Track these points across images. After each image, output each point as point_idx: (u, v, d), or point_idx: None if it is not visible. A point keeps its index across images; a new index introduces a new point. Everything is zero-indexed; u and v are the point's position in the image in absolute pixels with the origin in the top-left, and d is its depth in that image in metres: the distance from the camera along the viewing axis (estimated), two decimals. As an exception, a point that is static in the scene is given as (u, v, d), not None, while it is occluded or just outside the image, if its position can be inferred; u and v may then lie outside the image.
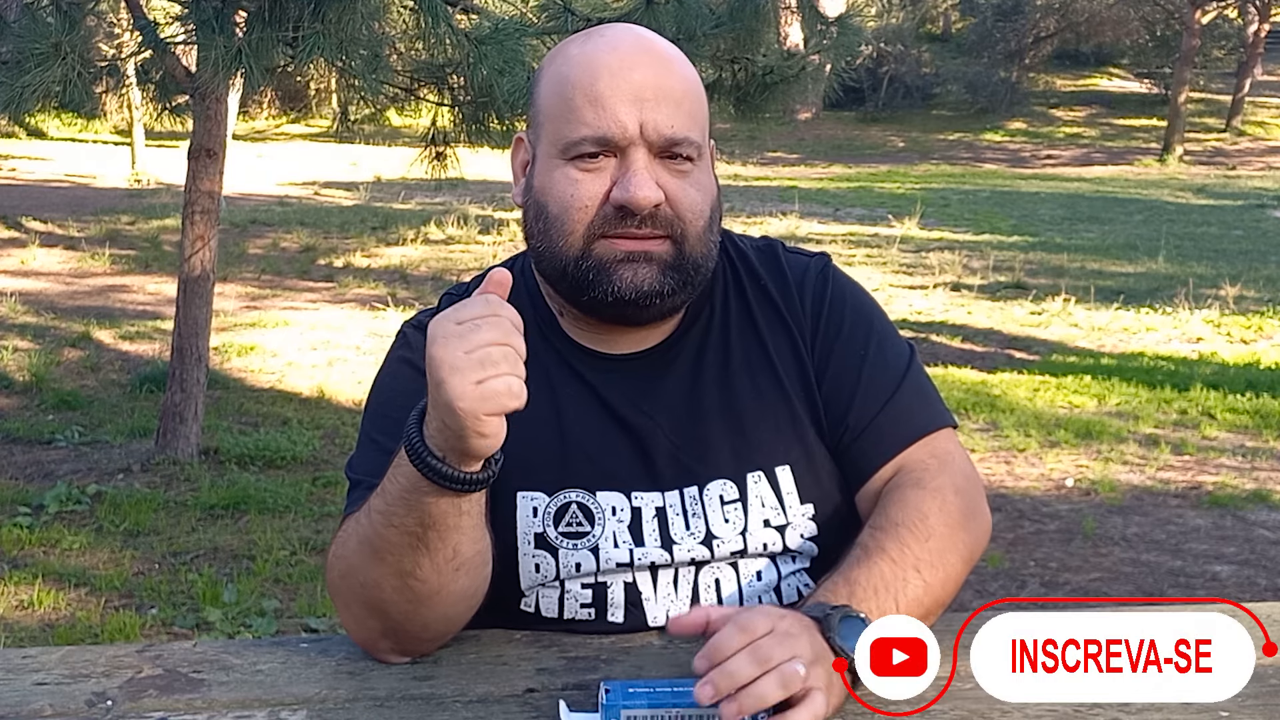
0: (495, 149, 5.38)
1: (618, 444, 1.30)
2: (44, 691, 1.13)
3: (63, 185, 16.15)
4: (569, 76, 1.26)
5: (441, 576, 1.15)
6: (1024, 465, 5.57)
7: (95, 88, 4.67)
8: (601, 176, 1.24)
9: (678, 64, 1.28)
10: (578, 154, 1.24)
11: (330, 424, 5.97)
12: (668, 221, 1.24)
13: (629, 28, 1.32)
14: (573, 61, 1.27)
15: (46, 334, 7.74)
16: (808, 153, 23.36)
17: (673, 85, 1.25)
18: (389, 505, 1.13)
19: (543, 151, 1.28)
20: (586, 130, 1.23)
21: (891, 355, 1.35)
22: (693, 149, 1.25)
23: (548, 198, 1.26)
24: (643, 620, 1.28)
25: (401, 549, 1.13)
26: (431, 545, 1.13)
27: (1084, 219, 14.96)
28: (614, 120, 1.22)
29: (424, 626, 1.20)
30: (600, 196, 1.23)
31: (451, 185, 11.81)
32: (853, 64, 8.11)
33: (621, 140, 1.22)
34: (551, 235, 1.26)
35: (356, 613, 1.20)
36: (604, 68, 1.24)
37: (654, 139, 1.23)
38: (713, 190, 1.30)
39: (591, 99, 1.23)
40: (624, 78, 1.23)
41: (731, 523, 1.29)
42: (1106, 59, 30.29)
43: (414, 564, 1.14)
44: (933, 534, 1.20)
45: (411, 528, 1.12)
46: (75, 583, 4.01)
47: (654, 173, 1.23)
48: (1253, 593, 4.10)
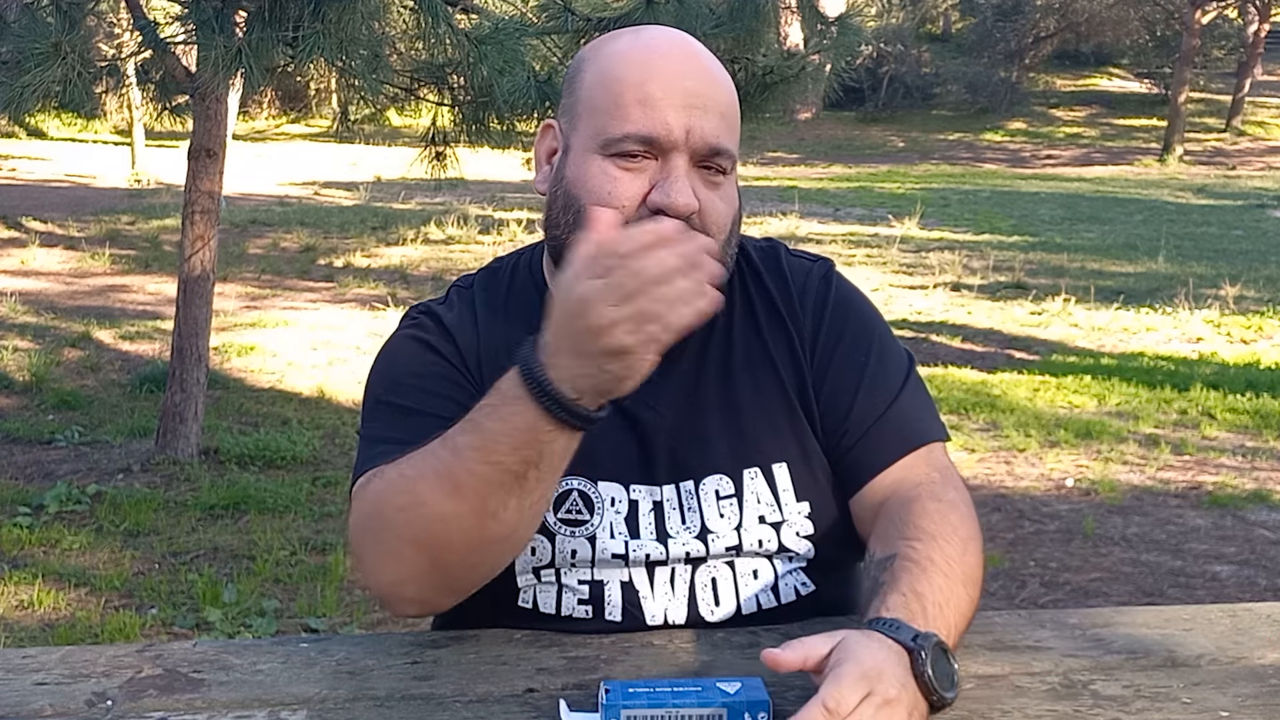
0: (495, 149, 5.39)
1: (619, 436, 1.30)
2: (44, 691, 1.13)
3: (63, 185, 16.15)
4: (618, 73, 1.25)
5: (522, 517, 1.14)
6: (1024, 465, 5.57)
7: (95, 88, 4.66)
8: (641, 177, 1.23)
9: (723, 76, 1.29)
10: (620, 151, 1.23)
11: (330, 424, 5.97)
12: (698, 230, 1.24)
13: (677, 33, 1.32)
14: (623, 58, 1.27)
15: (46, 334, 7.74)
16: (808, 153, 23.37)
17: (720, 96, 1.26)
18: (488, 441, 1.10)
19: (578, 143, 1.27)
20: (633, 128, 1.22)
21: (892, 363, 1.36)
22: (729, 161, 1.26)
23: (581, 190, 1.25)
24: (640, 620, 1.28)
25: (492, 486, 1.11)
26: (529, 485, 1.11)
27: (1084, 219, 14.97)
28: (663, 122, 1.22)
29: (472, 569, 1.19)
30: (638, 196, 1.23)
31: (451, 185, 11.80)
32: (853, 64, 8.09)
33: (667, 143, 1.22)
34: (578, 227, 1.24)
35: (400, 550, 1.17)
36: (657, 70, 1.24)
37: (698, 146, 1.23)
38: (737, 204, 1.30)
39: (642, 98, 1.23)
40: (677, 82, 1.23)
41: (727, 518, 1.29)
42: (1106, 59, 30.30)
43: (500, 503, 1.12)
44: (967, 548, 1.20)
45: (513, 465, 1.10)
46: (75, 583, 4.00)
47: (691, 181, 1.23)
48: (1253, 593, 4.10)
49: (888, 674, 1.00)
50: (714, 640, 1.25)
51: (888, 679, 1.00)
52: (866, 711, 0.97)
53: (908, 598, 1.11)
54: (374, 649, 1.23)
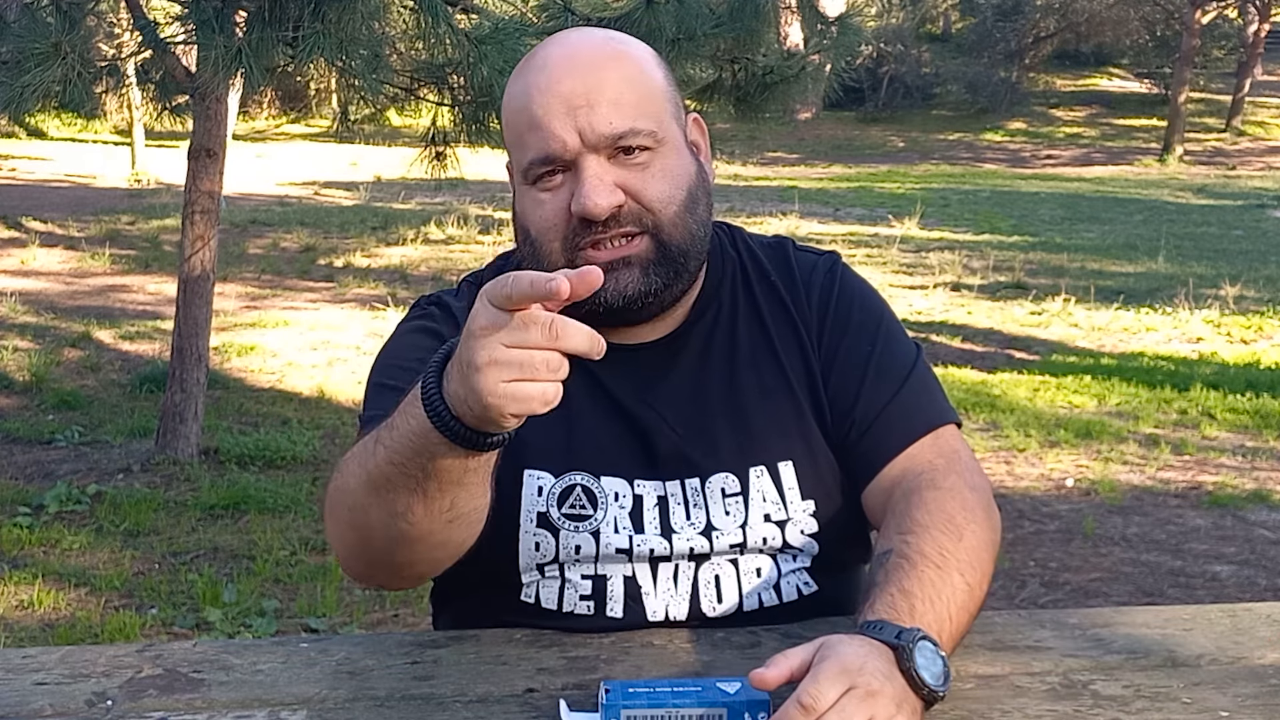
0: (495, 149, 5.37)
1: (622, 433, 1.30)
2: (44, 691, 1.13)
3: (63, 185, 16.15)
4: (512, 105, 1.29)
5: (433, 523, 1.12)
6: (1024, 465, 5.57)
7: (95, 88, 4.66)
8: (561, 193, 1.25)
9: (613, 61, 1.27)
10: (536, 176, 1.26)
11: (330, 424, 5.97)
12: (635, 216, 1.25)
13: (564, 36, 1.34)
14: (512, 91, 1.30)
15: (46, 334, 7.74)
16: (808, 153, 23.36)
17: (605, 84, 1.25)
18: (395, 442, 1.09)
19: (515, 178, 1.31)
20: (532, 153, 1.25)
21: (898, 351, 1.36)
22: (645, 138, 1.25)
23: (525, 221, 1.29)
24: (642, 615, 1.29)
25: (398, 489, 1.10)
26: (430, 494, 1.10)
27: (1084, 219, 14.96)
28: (552, 137, 1.23)
29: (404, 564, 1.20)
30: (564, 212, 1.24)
31: (451, 185, 11.82)
32: (853, 64, 8.11)
33: (565, 154, 1.24)
34: (536, 256, 1.27)
35: (340, 529, 1.20)
36: (534, 88, 1.26)
37: (597, 142, 1.23)
38: (686, 172, 1.28)
39: (530, 122, 1.25)
40: (552, 92, 1.24)
41: (732, 515, 1.29)
42: (1106, 59, 30.29)
43: (407, 506, 1.11)
44: (964, 533, 1.19)
45: (413, 472, 1.08)
46: (75, 583, 4.00)
47: (609, 175, 1.23)
48: (1253, 593, 4.10)
49: (870, 668, 0.99)
50: (714, 640, 1.25)
51: (870, 672, 0.99)
52: (849, 704, 0.96)
53: (895, 597, 1.11)
54: (374, 649, 1.23)
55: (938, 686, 1.03)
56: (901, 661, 1.02)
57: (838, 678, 0.98)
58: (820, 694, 0.96)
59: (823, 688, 0.97)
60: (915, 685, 1.02)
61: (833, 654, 1.00)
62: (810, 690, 0.97)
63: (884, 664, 1.01)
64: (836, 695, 0.97)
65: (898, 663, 1.02)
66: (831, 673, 0.98)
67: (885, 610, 1.09)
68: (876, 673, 0.99)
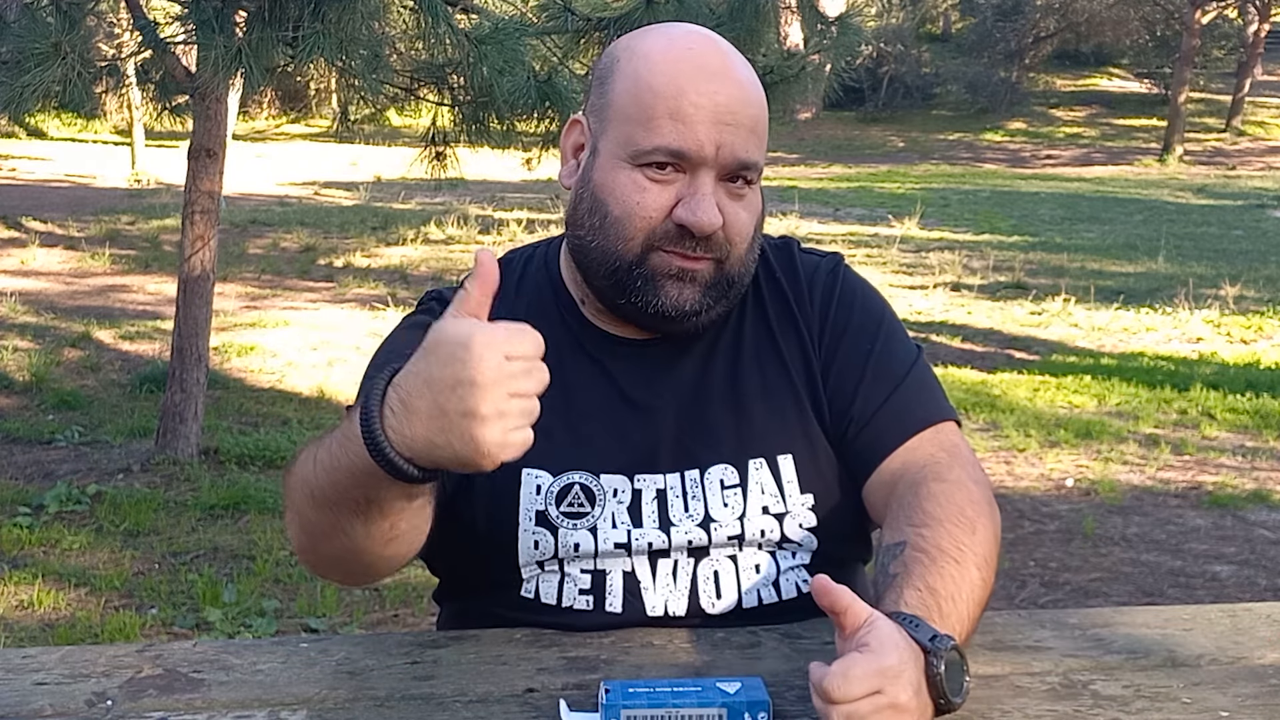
0: (495, 149, 5.38)
1: (625, 426, 1.31)
2: (44, 691, 1.13)
3: (63, 185, 16.15)
4: (650, 81, 1.25)
5: (371, 542, 1.13)
6: (1024, 465, 5.57)
7: (95, 88, 4.66)
8: (668, 190, 1.24)
9: (755, 87, 1.29)
10: (649, 162, 1.24)
11: (330, 424, 5.93)
12: (719, 245, 1.26)
13: (711, 39, 1.30)
14: (656, 66, 1.26)
15: (46, 334, 7.74)
16: (808, 153, 23.36)
17: (750, 110, 1.26)
18: (336, 464, 1.08)
19: (607, 148, 1.27)
20: (663, 141, 1.23)
21: (898, 351, 1.37)
22: (754, 173, 1.27)
23: (609, 197, 1.26)
24: (641, 610, 1.29)
25: (338, 508, 1.11)
26: (370, 517, 1.10)
27: (1084, 219, 14.97)
28: (693, 139, 1.22)
29: (346, 572, 1.23)
30: (665, 209, 1.24)
31: (451, 185, 11.79)
32: (853, 64, 8.09)
33: (696, 159, 1.23)
34: (609, 235, 1.26)
35: (295, 533, 1.21)
36: (690, 82, 1.24)
37: (727, 162, 1.24)
38: (759, 210, 1.31)
39: (673, 112, 1.23)
40: (710, 97, 1.23)
41: (730, 507, 1.29)
42: (1106, 59, 30.29)
43: (348, 523, 1.12)
44: (976, 527, 1.19)
45: (354, 496, 1.09)
46: (75, 583, 4.00)
47: (716, 196, 1.24)
48: (1253, 593, 4.10)
49: (905, 678, 0.99)
50: (714, 640, 1.24)
51: (903, 682, 0.99)
52: (865, 708, 0.97)
53: (923, 593, 1.10)
54: (374, 649, 1.23)
55: (956, 699, 1.03)
56: (930, 667, 1.02)
57: (870, 677, 0.98)
58: (848, 691, 0.97)
59: (852, 684, 0.97)
60: (936, 694, 1.02)
61: (877, 646, 1.00)
62: (838, 685, 0.97)
63: (916, 674, 1.01)
64: (861, 694, 0.97)
65: (926, 668, 1.02)
66: (867, 670, 0.98)
67: (917, 606, 1.09)
68: (908, 685, 0.99)
